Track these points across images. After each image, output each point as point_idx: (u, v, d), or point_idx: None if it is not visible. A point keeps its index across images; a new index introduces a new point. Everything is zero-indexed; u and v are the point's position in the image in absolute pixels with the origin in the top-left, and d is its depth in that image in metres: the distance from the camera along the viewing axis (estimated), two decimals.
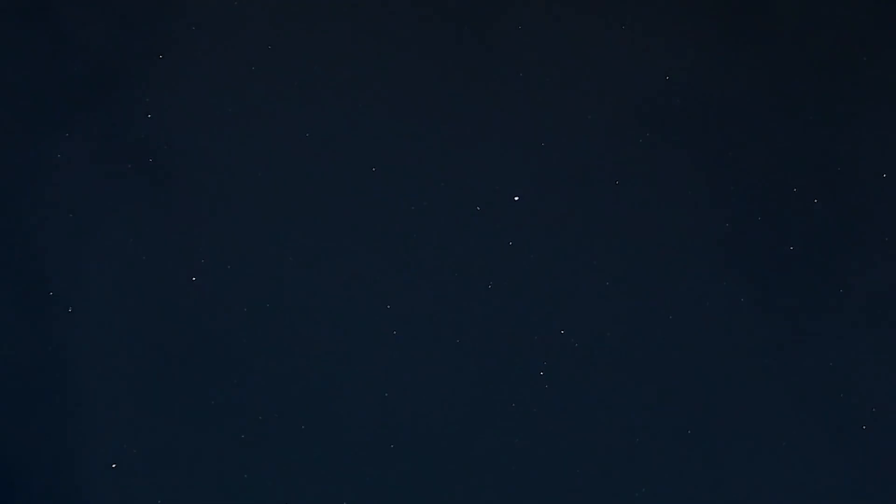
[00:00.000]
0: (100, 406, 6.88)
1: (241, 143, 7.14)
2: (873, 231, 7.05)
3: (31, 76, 7.09)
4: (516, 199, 7.10)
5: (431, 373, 7.01)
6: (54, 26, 7.16)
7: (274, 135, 7.15)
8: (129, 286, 6.97)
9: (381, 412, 6.96)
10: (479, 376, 7.00)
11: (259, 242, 7.05)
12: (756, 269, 7.04)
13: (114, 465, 6.84)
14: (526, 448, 6.91)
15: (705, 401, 6.95)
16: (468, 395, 6.99)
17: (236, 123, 7.14)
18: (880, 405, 6.87)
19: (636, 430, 6.91)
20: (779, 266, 7.04)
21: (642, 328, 7.00)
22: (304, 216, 7.11)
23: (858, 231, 7.04)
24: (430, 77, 7.21)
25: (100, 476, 6.83)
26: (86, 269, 6.99)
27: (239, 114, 7.14)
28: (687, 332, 6.98)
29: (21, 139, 7.08)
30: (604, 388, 6.96)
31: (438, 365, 7.02)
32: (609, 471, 6.89)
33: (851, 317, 6.95)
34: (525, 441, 6.91)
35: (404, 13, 7.25)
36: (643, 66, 7.20)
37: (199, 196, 7.07)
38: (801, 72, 7.18)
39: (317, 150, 7.15)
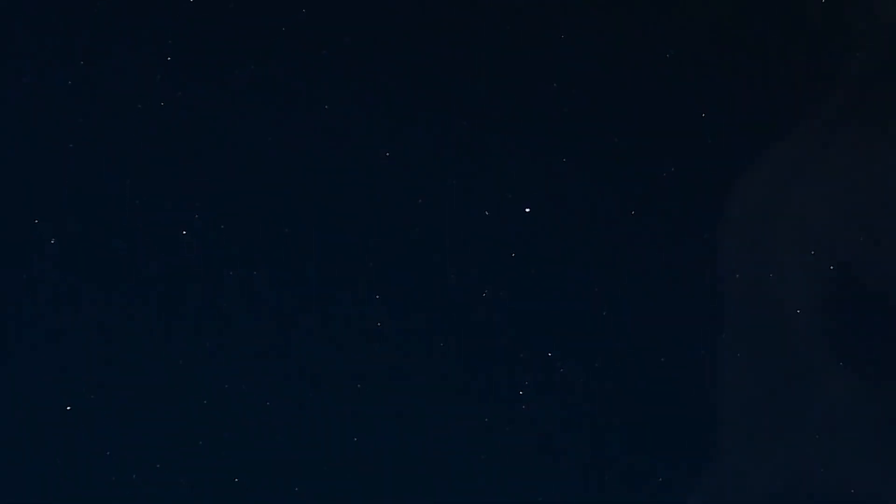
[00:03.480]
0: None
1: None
2: None
3: None
4: (527, 210, 7.00)
5: (415, 375, 6.95)
6: None
7: (279, 135, 7.05)
8: None
9: (367, 410, 6.91)
10: (461, 384, 6.95)
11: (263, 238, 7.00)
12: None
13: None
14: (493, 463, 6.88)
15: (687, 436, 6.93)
16: (449, 400, 6.95)
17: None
18: None
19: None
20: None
21: (633, 358, 6.94)
22: (310, 215, 7.01)
23: None
24: (447, 80, 7.12)
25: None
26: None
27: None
28: (681, 366, 6.93)
29: None
30: (586, 410, 6.92)
31: (423, 367, 6.95)
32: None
33: None
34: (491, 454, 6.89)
35: (422, 16, 7.15)
36: (668, 91, 7.12)
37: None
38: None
39: (325, 148, 7.04)
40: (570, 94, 7.10)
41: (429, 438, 6.95)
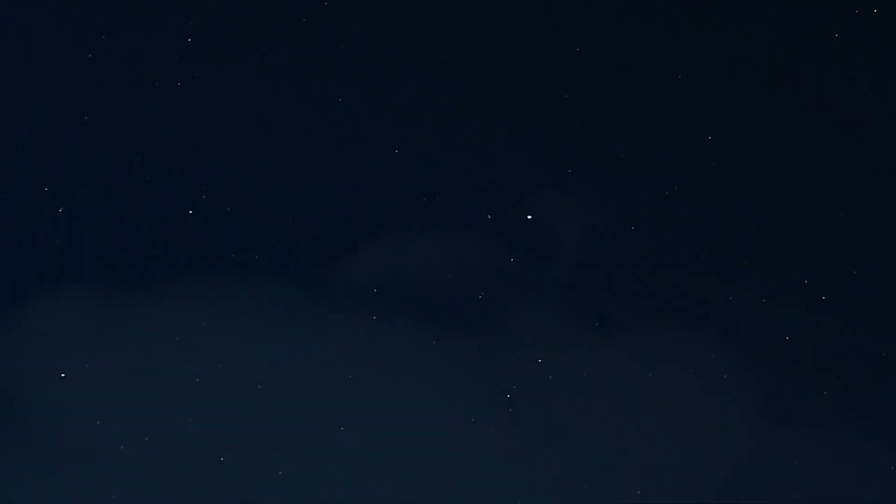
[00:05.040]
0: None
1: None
2: None
3: None
4: (529, 217, 7.04)
5: (410, 372, 6.99)
6: None
7: (290, 126, 7.13)
8: None
9: (358, 402, 6.94)
10: (453, 382, 6.98)
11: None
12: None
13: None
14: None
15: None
16: (440, 398, 6.98)
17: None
18: None
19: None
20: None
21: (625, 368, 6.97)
22: (314, 208, 7.08)
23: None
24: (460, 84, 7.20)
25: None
26: None
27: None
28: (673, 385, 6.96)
29: None
30: (573, 424, 6.94)
31: (417, 364, 7.00)
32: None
33: None
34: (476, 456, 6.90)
35: (438, 22, 7.23)
36: (681, 104, 7.19)
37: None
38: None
39: (336, 142, 7.13)
40: (580, 106, 7.18)
41: (418, 435, 6.95)
